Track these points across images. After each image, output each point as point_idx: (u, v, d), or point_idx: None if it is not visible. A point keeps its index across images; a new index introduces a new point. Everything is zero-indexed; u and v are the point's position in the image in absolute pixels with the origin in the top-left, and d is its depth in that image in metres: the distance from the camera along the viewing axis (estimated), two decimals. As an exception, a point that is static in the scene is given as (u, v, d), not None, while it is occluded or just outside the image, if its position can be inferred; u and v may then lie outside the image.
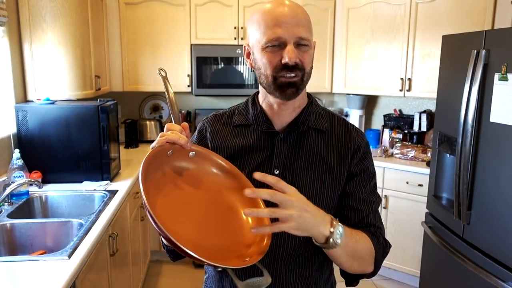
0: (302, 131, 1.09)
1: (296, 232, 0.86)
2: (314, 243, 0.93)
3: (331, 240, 0.90)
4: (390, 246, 1.12)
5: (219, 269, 0.84)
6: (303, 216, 0.86)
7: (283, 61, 0.98)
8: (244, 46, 1.09)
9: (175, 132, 0.97)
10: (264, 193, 0.85)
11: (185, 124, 1.01)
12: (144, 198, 0.83)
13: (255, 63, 1.05)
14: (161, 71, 1.06)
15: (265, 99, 1.11)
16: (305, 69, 1.01)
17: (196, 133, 1.20)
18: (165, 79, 1.05)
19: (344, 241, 0.92)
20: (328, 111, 1.17)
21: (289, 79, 1.00)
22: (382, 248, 1.07)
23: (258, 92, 1.16)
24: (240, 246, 0.93)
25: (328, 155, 1.08)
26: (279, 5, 1.00)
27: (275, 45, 0.99)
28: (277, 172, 1.07)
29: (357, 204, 1.09)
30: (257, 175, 0.86)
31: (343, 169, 1.09)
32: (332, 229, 0.91)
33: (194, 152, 1.01)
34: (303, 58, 1.00)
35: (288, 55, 0.97)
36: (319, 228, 0.90)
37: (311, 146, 1.09)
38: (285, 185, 0.86)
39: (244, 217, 0.98)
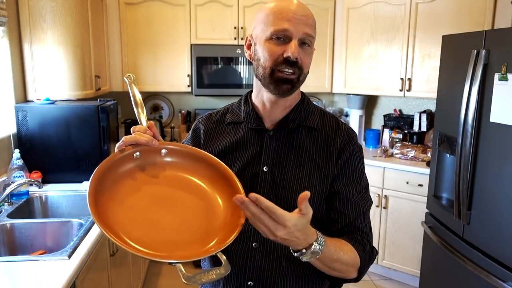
0: (292, 129, 1.10)
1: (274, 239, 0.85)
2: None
3: (307, 253, 0.89)
4: (377, 253, 1.11)
5: (172, 265, 0.82)
6: (291, 239, 0.85)
7: (285, 55, 0.98)
8: (247, 37, 1.09)
9: (137, 132, 0.96)
10: (266, 203, 0.81)
11: (151, 122, 1.00)
12: (90, 209, 0.82)
13: (255, 54, 1.05)
14: (129, 76, 1.06)
15: (258, 95, 1.11)
16: (303, 69, 1.01)
17: (190, 131, 1.21)
18: (132, 83, 1.06)
19: (323, 256, 0.91)
20: (321, 109, 1.17)
21: (286, 75, 1.00)
22: (368, 256, 1.06)
23: (251, 91, 1.17)
24: (208, 236, 0.90)
25: (316, 153, 1.09)
26: (291, 3, 1.01)
27: (280, 38, 0.99)
28: (266, 169, 1.07)
29: (345, 207, 1.08)
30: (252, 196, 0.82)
31: (330, 167, 1.08)
32: (312, 246, 0.89)
33: (165, 150, 0.99)
34: (303, 58, 1.00)
35: (291, 50, 0.97)
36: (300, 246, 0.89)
37: (300, 144, 1.09)
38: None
39: (220, 205, 0.96)
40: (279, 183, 1.06)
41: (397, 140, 3.48)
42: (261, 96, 1.10)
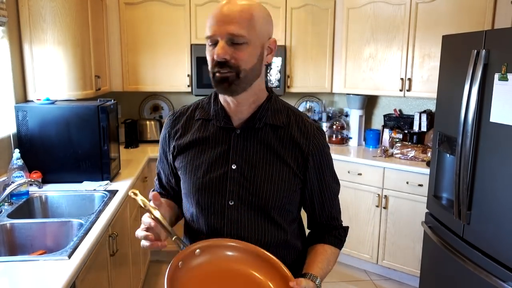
0: (258, 127, 1.13)
1: None
2: None
3: None
4: (347, 228, 1.27)
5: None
6: None
7: (214, 58, 1.03)
8: None
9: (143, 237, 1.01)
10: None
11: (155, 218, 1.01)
12: None
13: None
14: (133, 192, 1.02)
15: (223, 95, 1.15)
16: (239, 67, 1.03)
17: (163, 131, 1.26)
18: (144, 203, 1.02)
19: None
20: (288, 107, 1.20)
21: (222, 74, 1.03)
22: (344, 241, 1.25)
23: None
24: None
25: (284, 151, 1.13)
26: (222, 5, 1.04)
27: (212, 43, 1.04)
28: (235, 166, 1.12)
29: (321, 204, 1.21)
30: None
31: (298, 164, 1.14)
32: None
33: (198, 250, 1.07)
34: (236, 55, 1.02)
35: (216, 52, 1.01)
36: None
37: (267, 142, 1.13)
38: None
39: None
40: (250, 179, 1.11)
41: (397, 140, 3.48)
42: (224, 96, 1.14)
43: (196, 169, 1.15)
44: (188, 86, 3.58)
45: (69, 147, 2.40)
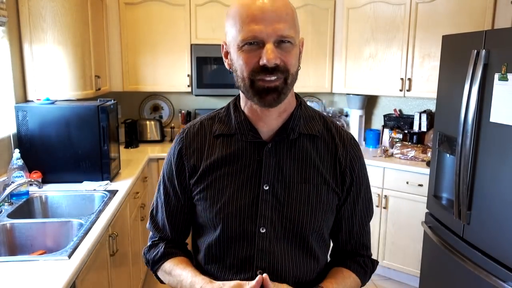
0: (293, 138, 0.99)
1: None
2: None
3: None
4: (377, 263, 1.14)
5: None
6: None
7: (261, 63, 0.87)
8: (222, 45, 0.98)
9: None
10: None
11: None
12: None
13: (232, 64, 0.94)
14: None
15: (247, 104, 0.99)
16: (288, 71, 0.90)
17: (174, 150, 1.06)
18: None
19: None
20: (319, 113, 1.08)
21: (268, 83, 0.88)
22: (369, 275, 1.11)
23: (239, 96, 1.03)
24: None
25: (322, 165, 1.00)
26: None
27: (252, 44, 0.87)
28: (267, 187, 0.97)
29: (350, 228, 1.08)
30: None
31: (336, 182, 1.01)
32: None
33: None
34: (286, 59, 0.89)
35: (267, 56, 0.85)
36: None
37: (304, 155, 0.99)
38: None
39: None
40: (283, 202, 0.97)
41: (397, 140, 3.48)
42: (249, 105, 0.98)
43: (221, 194, 0.98)
44: (188, 86, 3.58)
45: (69, 147, 2.40)
